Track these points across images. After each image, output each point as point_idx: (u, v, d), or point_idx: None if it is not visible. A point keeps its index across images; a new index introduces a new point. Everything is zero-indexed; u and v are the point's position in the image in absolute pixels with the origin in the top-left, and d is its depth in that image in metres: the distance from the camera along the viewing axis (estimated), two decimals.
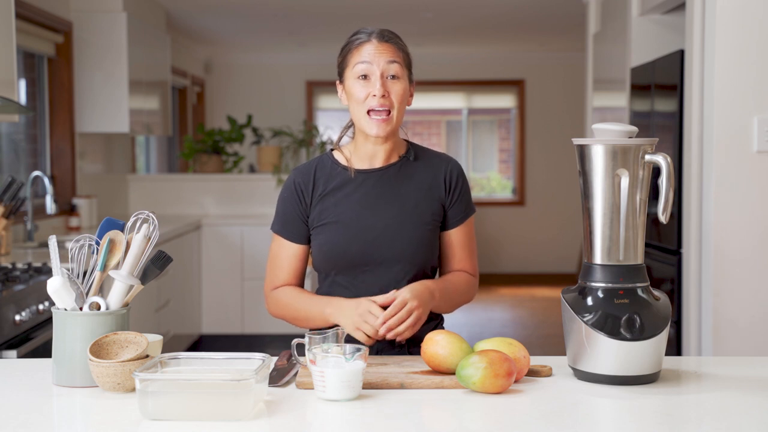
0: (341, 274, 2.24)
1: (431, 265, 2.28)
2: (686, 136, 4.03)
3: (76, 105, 5.71)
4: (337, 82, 2.28)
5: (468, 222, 2.31)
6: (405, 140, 2.33)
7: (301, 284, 2.32)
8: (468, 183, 2.34)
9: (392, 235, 2.21)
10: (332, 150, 2.33)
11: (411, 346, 2.24)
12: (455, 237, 2.30)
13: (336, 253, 2.22)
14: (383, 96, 2.16)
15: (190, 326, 6.30)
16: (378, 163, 2.26)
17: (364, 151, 2.25)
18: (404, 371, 1.96)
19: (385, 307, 2.13)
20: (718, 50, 3.67)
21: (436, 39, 9.04)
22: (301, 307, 2.24)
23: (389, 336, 2.10)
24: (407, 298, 2.12)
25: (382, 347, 2.24)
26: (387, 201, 2.23)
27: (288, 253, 2.29)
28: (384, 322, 2.10)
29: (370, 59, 2.17)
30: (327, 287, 2.28)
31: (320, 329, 2.20)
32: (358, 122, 2.22)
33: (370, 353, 2.23)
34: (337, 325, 2.25)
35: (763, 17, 3.65)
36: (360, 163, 2.26)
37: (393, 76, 2.18)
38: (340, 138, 2.35)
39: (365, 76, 2.18)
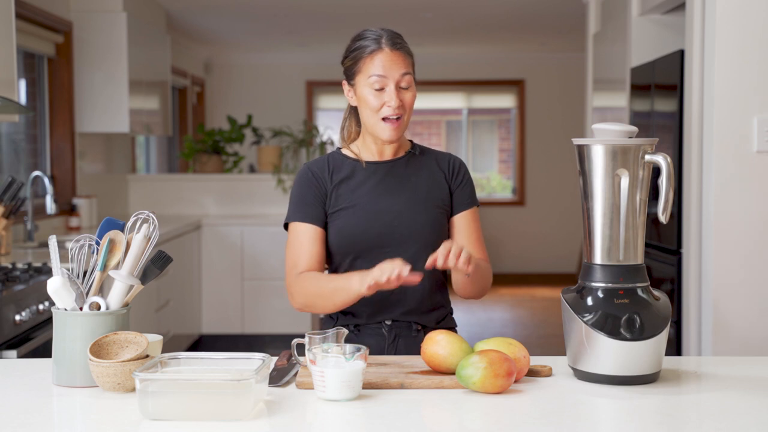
0: (360, 257, 2.29)
1: None
2: (686, 136, 4.03)
3: (76, 105, 5.71)
4: (344, 81, 2.34)
5: (474, 210, 2.39)
6: (409, 140, 2.43)
7: (323, 271, 2.32)
8: (471, 177, 2.43)
9: (408, 216, 2.29)
10: (339, 149, 2.41)
11: (428, 331, 2.29)
12: (464, 221, 2.37)
13: (355, 235, 2.28)
14: (398, 106, 2.26)
15: (190, 326, 6.30)
16: (386, 157, 2.36)
17: (372, 148, 2.36)
18: (404, 371, 1.96)
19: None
20: (718, 50, 3.67)
21: (436, 39, 9.05)
22: (329, 283, 2.21)
23: (459, 263, 2.05)
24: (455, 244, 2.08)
25: (401, 332, 2.29)
26: (399, 187, 2.32)
27: (308, 237, 2.29)
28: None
29: (385, 72, 2.25)
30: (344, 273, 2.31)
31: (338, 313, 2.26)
32: (371, 128, 2.30)
33: (390, 336, 2.28)
34: (337, 325, 2.26)
35: (763, 17, 3.65)
36: (369, 157, 2.36)
37: (405, 86, 2.27)
38: (342, 136, 2.42)
39: (380, 87, 2.26)
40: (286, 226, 2.35)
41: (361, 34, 2.30)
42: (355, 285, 2.13)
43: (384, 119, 2.26)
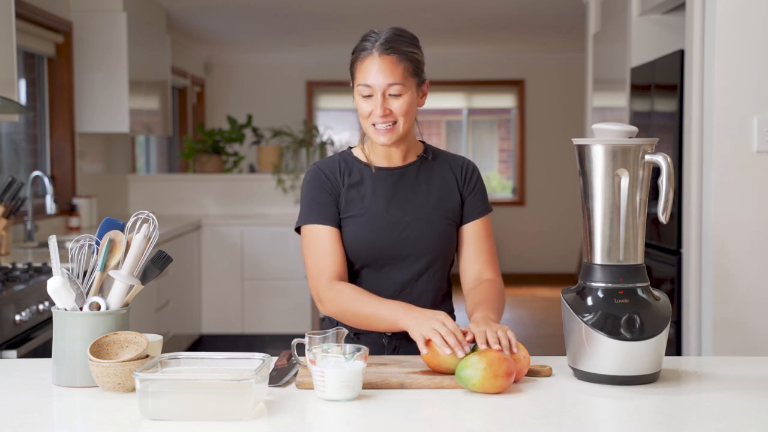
0: (366, 267, 2.26)
1: (450, 259, 2.34)
2: (686, 136, 4.03)
3: (76, 105, 5.71)
4: (350, 84, 2.30)
5: (485, 219, 2.34)
6: (421, 141, 2.38)
7: (347, 272, 2.26)
8: (484, 183, 2.38)
9: (418, 229, 2.25)
10: (350, 148, 2.36)
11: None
12: (475, 231, 2.32)
13: (363, 246, 2.24)
14: (384, 115, 2.19)
15: (190, 326, 6.30)
16: (396, 162, 2.31)
17: (380, 152, 2.30)
18: (404, 371, 1.96)
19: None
20: (718, 50, 3.67)
21: (436, 39, 9.04)
22: (367, 307, 2.15)
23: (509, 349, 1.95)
24: (490, 328, 1.99)
25: (400, 343, 2.26)
26: (410, 197, 2.28)
27: (328, 239, 2.24)
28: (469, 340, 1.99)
29: (371, 81, 2.18)
30: (349, 281, 2.28)
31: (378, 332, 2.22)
32: (366, 133, 2.26)
33: (389, 347, 2.26)
34: (338, 326, 2.25)
35: (763, 17, 3.65)
36: (378, 161, 2.31)
37: (394, 94, 2.19)
38: (363, 136, 2.35)
39: (368, 95, 2.20)
40: (298, 230, 2.30)
41: (364, 35, 2.24)
42: (400, 321, 2.06)
43: (375, 125, 2.21)
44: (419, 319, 2.03)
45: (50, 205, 4.74)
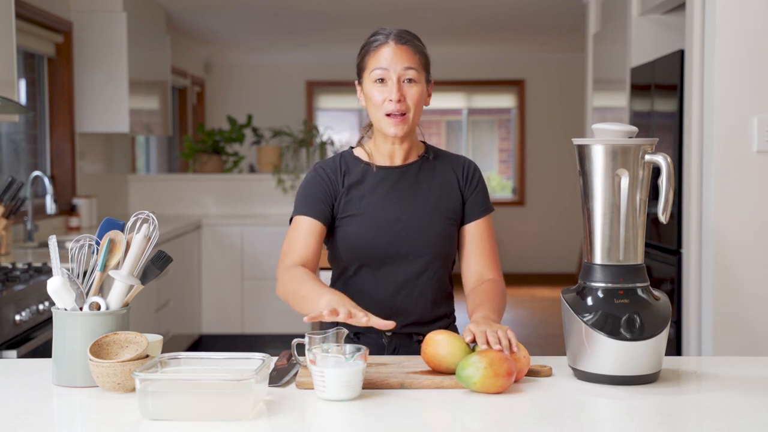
0: (366, 266, 2.26)
1: (451, 259, 2.33)
2: (686, 136, 4.03)
3: (76, 105, 5.71)
4: (356, 82, 2.32)
5: (487, 219, 2.34)
6: (423, 142, 2.38)
7: (315, 266, 2.24)
8: (485, 183, 2.38)
9: (418, 228, 2.26)
10: (352, 148, 2.37)
11: None
12: (476, 231, 2.32)
13: (363, 244, 2.24)
14: (399, 101, 2.20)
15: (190, 326, 6.30)
16: (398, 161, 2.31)
17: (384, 150, 2.31)
18: (404, 371, 1.96)
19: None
20: (718, 50, 3.67)
21: (436, 39, 9.04)
22: (305, 287, 2.10)
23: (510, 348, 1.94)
24: (491, 328, 1.98)
25: (400, 343, 2.27)
26: (410, 196, 2.28)
27: (305, 229, 2.24)
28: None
29: (387, 65, 2.21)
30: (348, 281, 2.29)
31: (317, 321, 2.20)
32: (377, 124, 2.27)
33: (390, 347, 2.27)
34: (338, 326, 2.25)
35: (763, 17, 3.65)
36: (380, 160, 2.32)
37: (409, 80, 2.22)
38: (361, 137, 2.38)
39: (382, 80, 2.22)
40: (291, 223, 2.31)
41: (373, 32, 2.27)
42: (321, 303, 1.98)
43: (388, 115, 2.21)
44: (331, 296, 1.99)
45: (50, 205, 4.74)
